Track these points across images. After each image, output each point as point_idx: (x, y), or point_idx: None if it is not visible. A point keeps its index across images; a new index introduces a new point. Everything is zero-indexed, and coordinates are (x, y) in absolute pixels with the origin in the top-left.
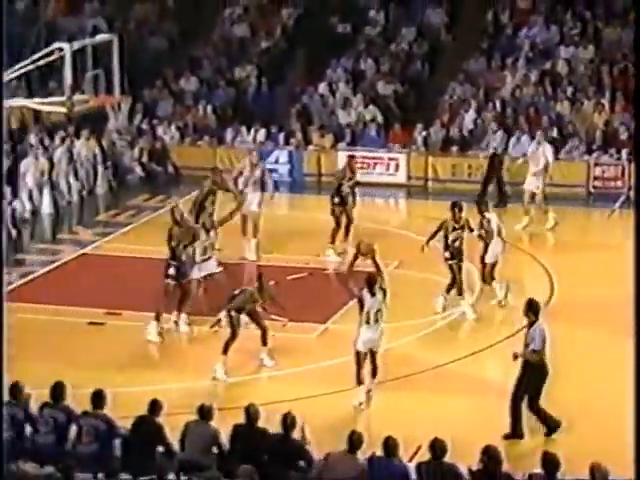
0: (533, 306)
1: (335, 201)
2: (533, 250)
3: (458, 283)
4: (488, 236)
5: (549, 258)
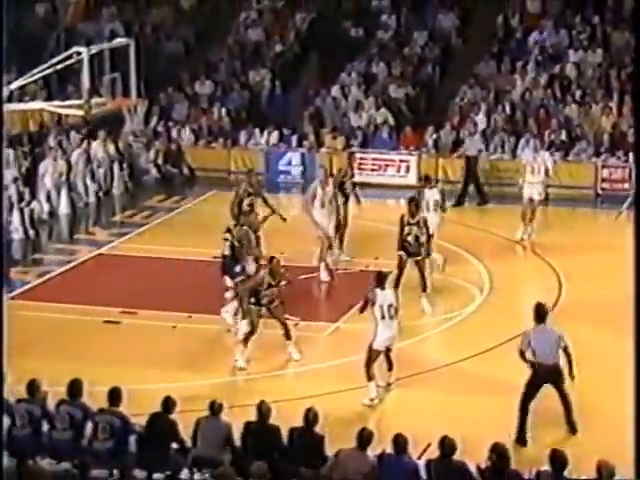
0: (537, 310)
1: (339, 201)
2: (541, 251)
3: (421, 279)
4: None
5: (557, 259)
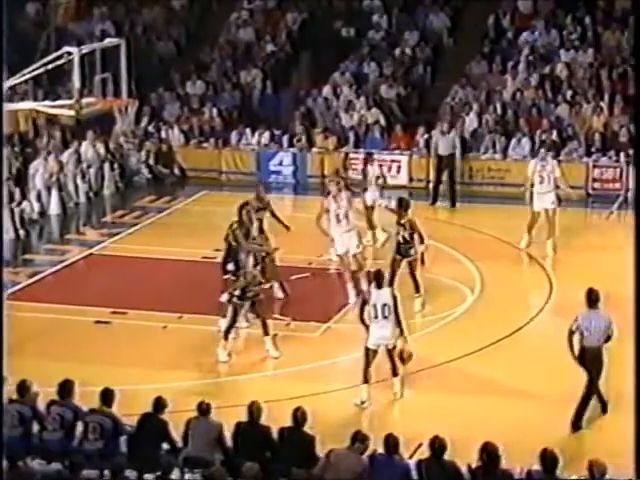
0: (589, 295)
1: None
2: (531, 250)
3: (413, 280)
4: (361, 184)
5: (547, 259)
